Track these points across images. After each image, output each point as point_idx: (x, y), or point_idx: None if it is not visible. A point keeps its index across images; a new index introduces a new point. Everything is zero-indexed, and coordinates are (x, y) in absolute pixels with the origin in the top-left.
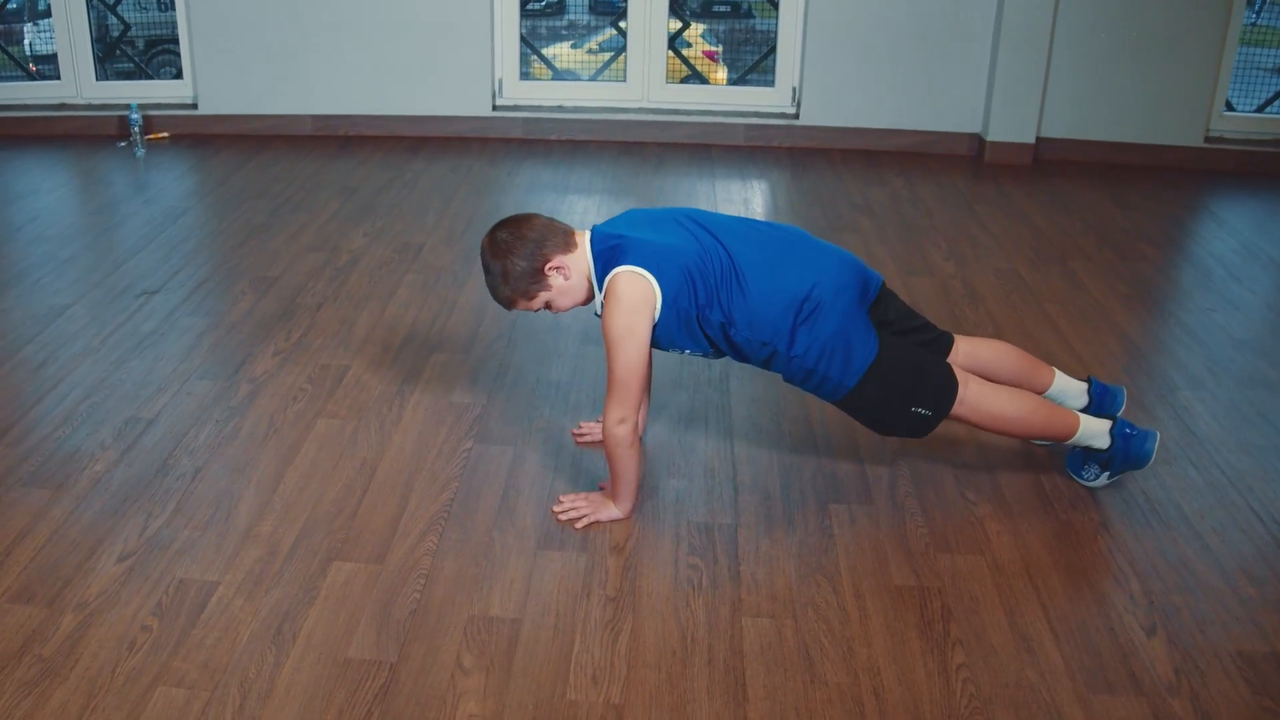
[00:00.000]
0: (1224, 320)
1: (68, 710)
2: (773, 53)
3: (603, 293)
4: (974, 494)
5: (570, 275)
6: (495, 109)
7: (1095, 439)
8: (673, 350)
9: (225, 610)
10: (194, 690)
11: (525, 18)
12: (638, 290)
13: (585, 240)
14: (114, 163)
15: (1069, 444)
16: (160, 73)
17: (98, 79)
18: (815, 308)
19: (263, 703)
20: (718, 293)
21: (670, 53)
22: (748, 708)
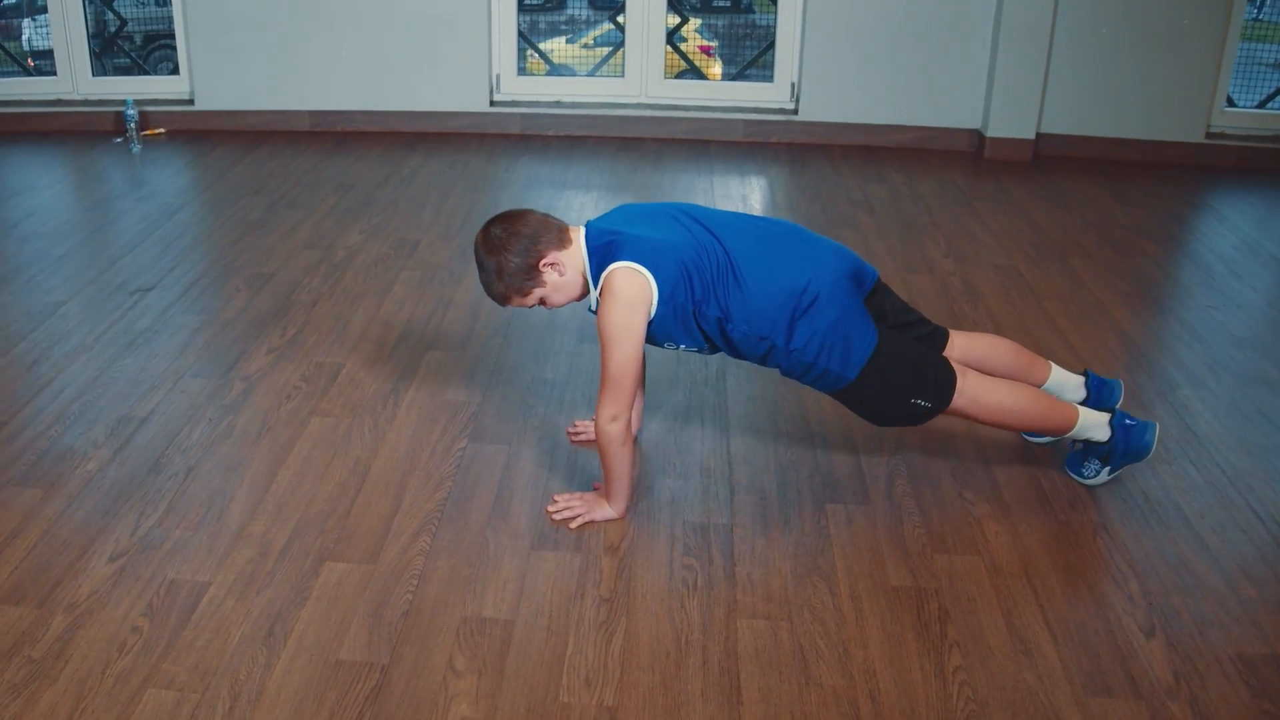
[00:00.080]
0: (1224, 318)
1: (57, 712)
2: (772, 48)
3: (598, 289)
4: (972, 494)
5: (565, 271)
6: (493, 104)
7: (1095, 431)
8: (668, 345)
9: (216, 611)
10: (184, 692)
11: (524, 12)
12: (634, 286)
13: (580, 236)
14: (110, 159)
15: (1068, 437)
16: (158, 68)
17: (95, 74)
18: (813, 301)
19: (253, 705)
20: (714, 288)
21: (668, 48)
22: (742, 710)
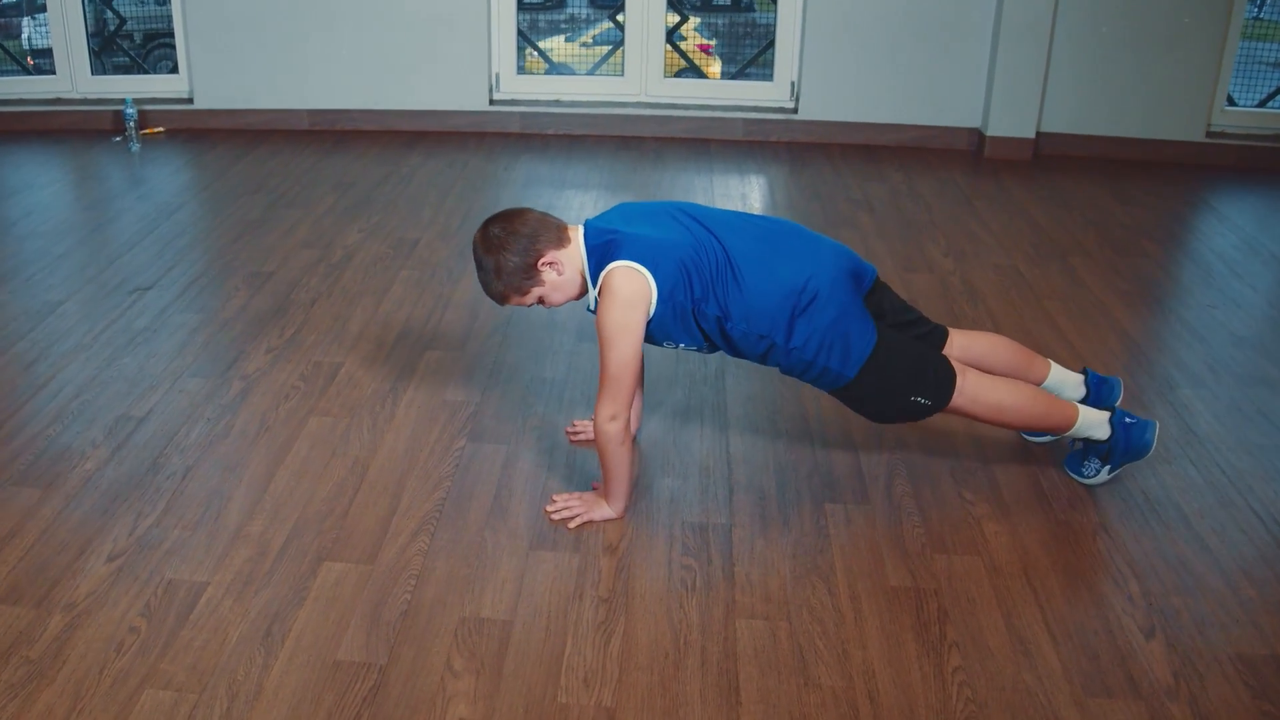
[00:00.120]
0: (1225, 317)
1: (54, 713)
2: (771, 46)
3: (597, 288)
4: (971, 493)
5: (564, 270)
6: (492, 103)
7: (1095, 429)
8: (667, 344)
9: (214, 611)
10: (181, 693)
11: (523, 11)
12: (633, 286)
13: (578, 235)
14: (109, 158)
15: (1068, 436)
16: (158, 67)
17: (95, 73)
18: (812, 299)
19: (250, 705)
20: (713, 286)
21: (667, 46)
22: (740, 711)
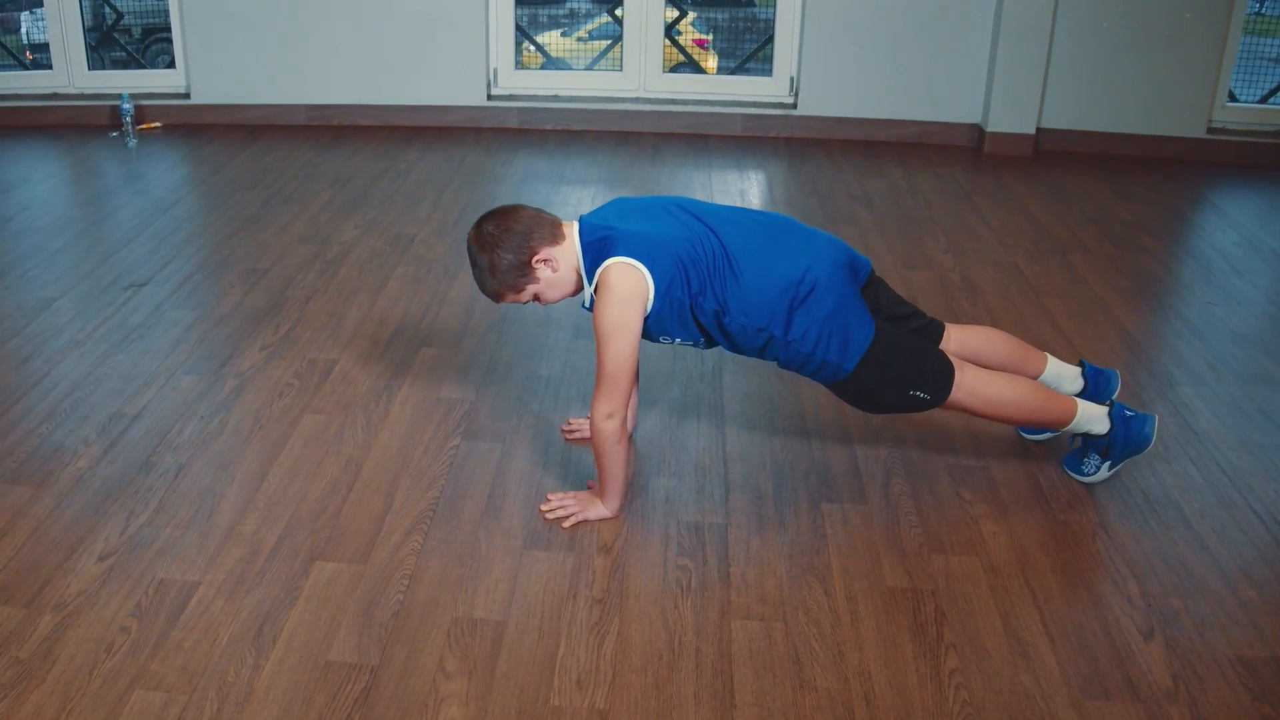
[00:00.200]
0: (1225, 314)
1: (43, 714)
2: (770, 42)
3: (593, 285)
4: (969, 493)
5: (558, 268)
6: (490, 99)
7: (1094, 423)
8: (663, 339)
9: (205, 611)
10: (171, 694)
11: (521, 6)
12: (630, 282)
13: (573, 231)
14: (106, 153)
15: (1067, 431)
16: (157, 61)
17: (93, 68)
18: (810, 290)
19: (241, 707)
20: (710, 280)
21: (665, 41)
22: (735, 713)
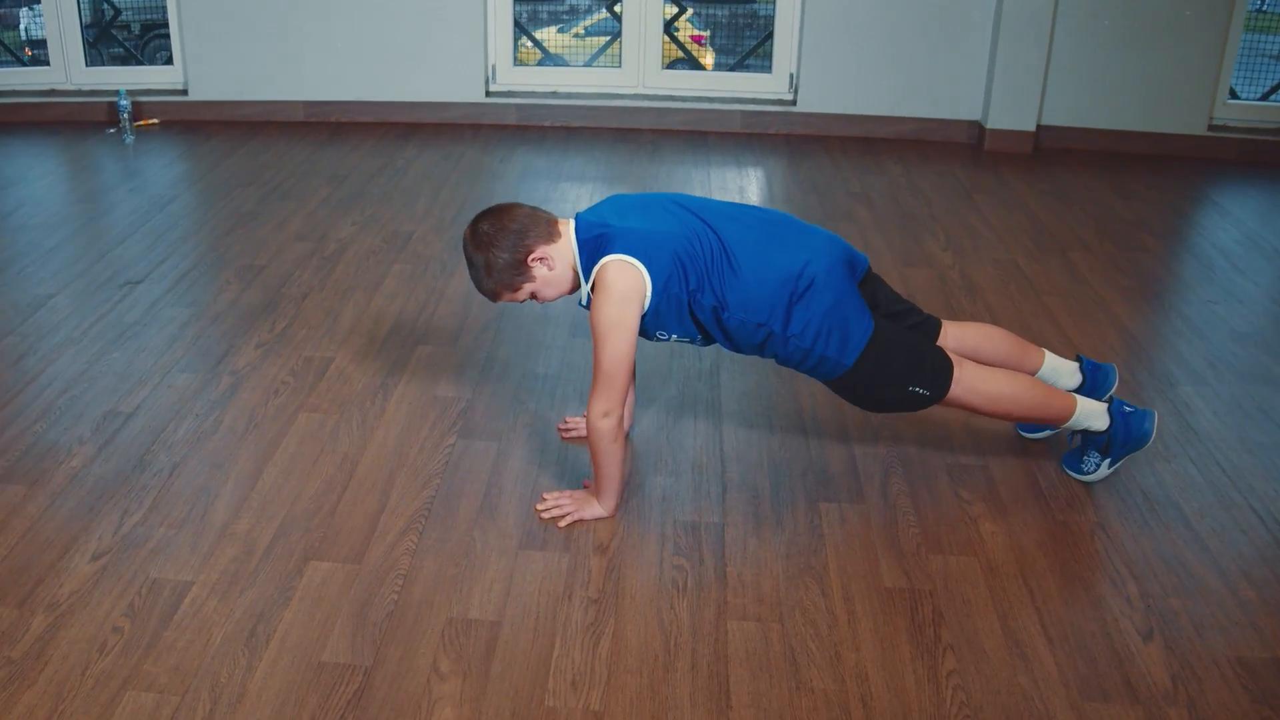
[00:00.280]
0: (1226, 313)
1: (35, 715)
2: (770, 38)
3: (590, 283)
4: (968, 492)
5: (554, 266)
6: (489, 95)
7: (1093, 419)
8: (659, 335)
9: (198, 612)
10: (164, 695)
11: (520, 2)
12: (628, 279)
13: (569, 229)
14: (103, 149)
15: (1067, 427)
16: (155, 58)
17: (91, 64)
18: (809, 285)
19: (233, 708)
20: (708, 276)
21: (664, 37)
22: (730, 715)
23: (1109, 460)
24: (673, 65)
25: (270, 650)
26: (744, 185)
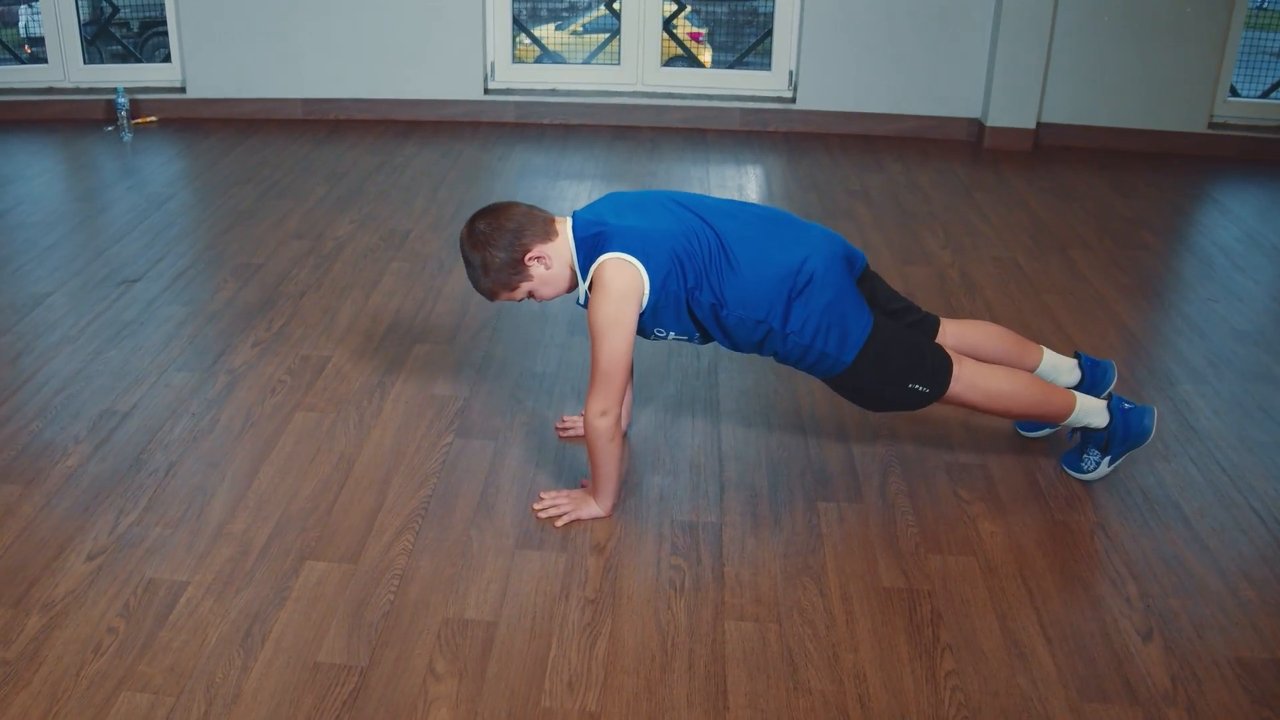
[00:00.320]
0: (1226, 311)
1: (29, 716)
2: (769, 35)
3: (588, 281)
4: (967, 491)
5: (552, 265)
6: (487, 92)
7: (1093, 416)
8: (657, 333)
9: (194, 612)
10: (159, 695)
11: None
12: (626, 277)
13: (567, 228)
14: (101, 147)
15: (1067, 424)
16: (155, 55)
17: (90, 61)
18: (808, 281)
19: (228, 709)
20: (706, 273)
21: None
22: (728, 716)
23: (1109, 458)
24: (670, 62)
25: (266, 651)
26: (743, 183)
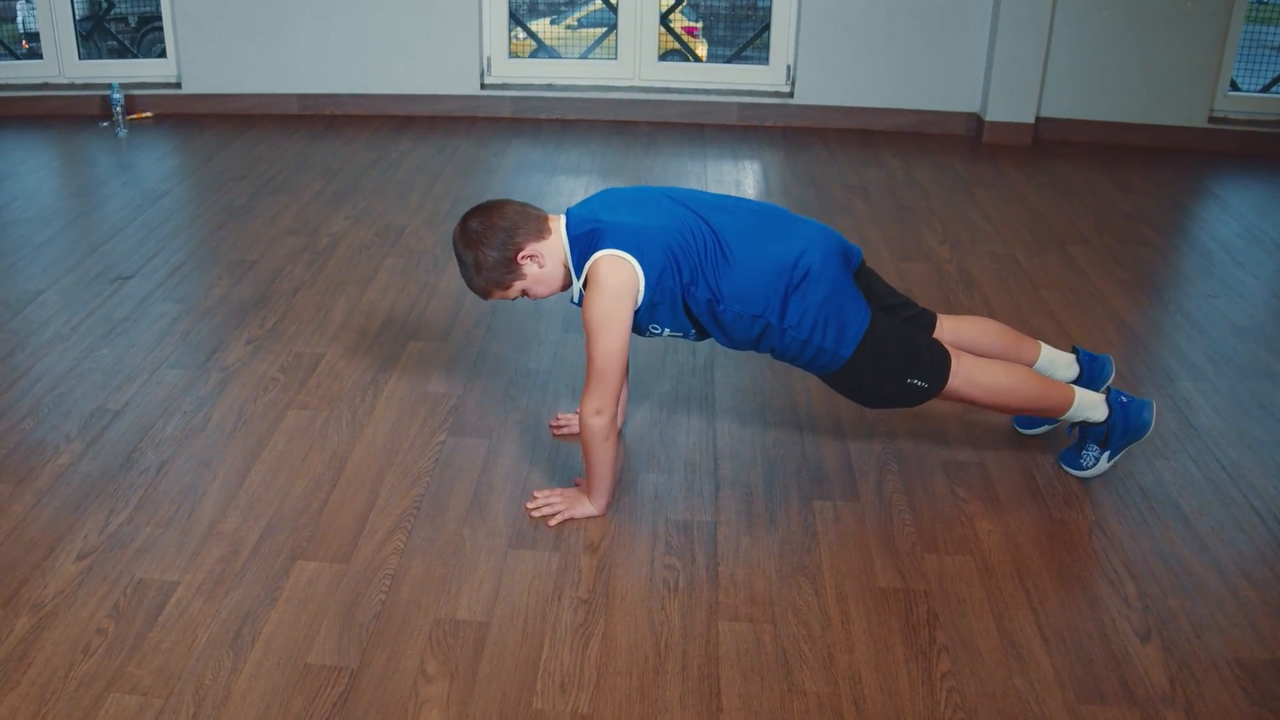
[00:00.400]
0: (1226, 307)
1: (17, 718)
2: (767, 30)
3: (582, 279)
4: (964, 490)
5: (545, 263)
6: (483, 88)
7: (1092, 410)
8: (652, 329)
9: (183, 612)
10: (147, 697)
11: None
12: (620, 275)
13: (560, 225)
14: (96, 143)
15: (1066, 418)
16: (152, 50)
17: (86, 57)
18: (805, 275)
19: (217, 710)
20: (702, 269)
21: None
22: (721, 717)
23: (1108, 453)
24: (666, 56)
25: (256, 652)
26: (741, 178)
